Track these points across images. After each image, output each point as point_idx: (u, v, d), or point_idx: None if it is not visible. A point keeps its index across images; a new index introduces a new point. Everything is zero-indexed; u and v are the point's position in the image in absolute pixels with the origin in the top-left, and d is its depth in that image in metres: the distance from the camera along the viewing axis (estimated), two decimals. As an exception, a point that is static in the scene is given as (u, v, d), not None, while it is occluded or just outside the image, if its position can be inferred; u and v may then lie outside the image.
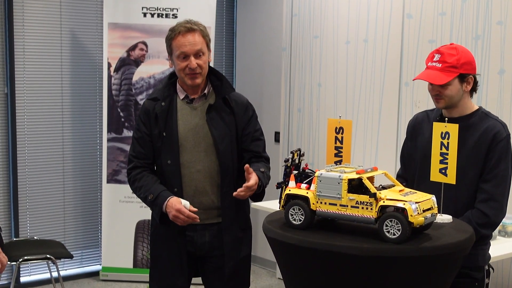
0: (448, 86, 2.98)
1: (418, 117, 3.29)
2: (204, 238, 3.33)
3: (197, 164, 3.26)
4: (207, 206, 3.30)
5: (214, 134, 3.25)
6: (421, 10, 4.91)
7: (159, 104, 3.27)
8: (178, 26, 3.23)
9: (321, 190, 2.42)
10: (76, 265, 6.15)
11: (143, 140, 3.31)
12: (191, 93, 3.31)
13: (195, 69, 3.19)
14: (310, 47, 5.88)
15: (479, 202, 2.97)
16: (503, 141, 2.97)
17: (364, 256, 2.24)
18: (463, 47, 3.04)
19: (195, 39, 3.20)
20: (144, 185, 3.26)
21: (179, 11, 5.73)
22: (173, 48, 3.22)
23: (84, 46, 6.00)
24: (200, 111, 3.30)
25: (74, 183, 6.05)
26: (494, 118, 3.06)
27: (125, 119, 5.79)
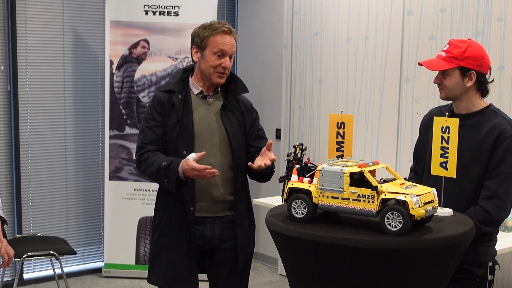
0: (447, 76, 3.00)
1: (432, 112, 3.29)
2: (213, 232, 3.39)
3: (210, 158, 3.31)
4: (217, 199, 3.37)
5: (228, 130, 3.35)
6: (421, 7, 4.93)
7: (175, 96, 3.35)
8: (218, 25, 3.33)
9: (323, 183, 2.45)
10: (79, 262, 6.18)
11: (158, 128, 3.34)
12: (207, 90, 3.41)
13: (226, 69, 3.32)
14: (311, 44, 5.91)
15: (482, 199, 2.98)
16: (509, 138, 2.96)
17: (365, 248, 2.27)
18: (478, 44, 3.04)
19: (233, 41, 3.34)
20: (157, 159, 3.25)
21: (181, 8, 5.75)
22: (211, 44, 3.30)
23: (86, 44, 6.03)
24: (214, 107, 3.39)
25: (77, 180, 6.07)
26: (502, 115, 3.06)
27: (127, 117, 5.81)
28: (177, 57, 5.75)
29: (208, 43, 3.30)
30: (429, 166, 2.84)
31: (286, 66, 6.16)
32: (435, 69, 3.00)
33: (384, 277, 2.35)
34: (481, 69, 3.02)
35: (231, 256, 3.43)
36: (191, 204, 3.31)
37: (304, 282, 2.54)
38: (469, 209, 2.98)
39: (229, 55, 3.32)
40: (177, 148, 3.31)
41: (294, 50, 6.08)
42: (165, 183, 3.23)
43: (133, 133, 5.80)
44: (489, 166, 2.98)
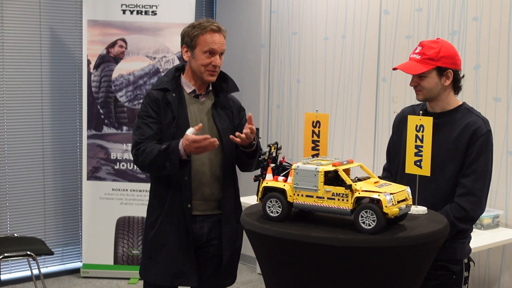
0: (425, 77, 3.02)
1: (404, 111, 3.32)
2: (202, 230, 3.42)
3: (203, 157, 3.36)
4: (208, 198, 3.41)
5: (219, 128, 3.39)
6: (398, 6, 4.95)
7: (170, 94, 3.37)
8: (207, 23, 3.36)
9: (298, 182, 2.46)
10: (57, 263, 6.14)
11: (154, 125, 3.35)
12: (199, 89, 3.44)
13: (217, 67, 3.36)
14: (289, 44, 5.92)
15: (458, 197, 3.00)
16: (483, 136, 3.00)
17: (340, 246, 2.27)
18: (447, 43, 3.08)
19: (222, 39, 3.38)
20: (155, 147, 3.25)
21: (159, 8, 5.74)
22: (200, 43, 3.33)
23: (64, 44, 6.00)
24: (205, 105, 3.43)
25: (54, 180, 6.04)
26: (476, 114, 3.09)
27: (104, 116, 5.79)
28: (154, 56, 5.74)
29: (198, 42, 3.33)
30: (404, 165, 2.86)
31: (264, 65, 6.17)
32: (413, 72, 3.02)
33: (358, 275, 2.35)
34: (456, 67, 3.06)
35: (216, 253, 3.46)
36: (188, 202, 3.34)
37: (279, 281, 2.54)
38: (445, 206, 3.01)
39: (219, 53, 3.36)
40: None
41: (272, 50, 6.08)
42: (167, 167, 3.22)
43: (111, 132, 5.78)
44: (464, 164, 3.01)
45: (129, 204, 5.80)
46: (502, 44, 4.33)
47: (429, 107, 3.14)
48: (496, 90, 4.37)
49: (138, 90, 5.77)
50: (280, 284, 2.54)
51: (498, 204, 4.37)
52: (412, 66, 3.04)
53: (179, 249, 3.38)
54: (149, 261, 3.46)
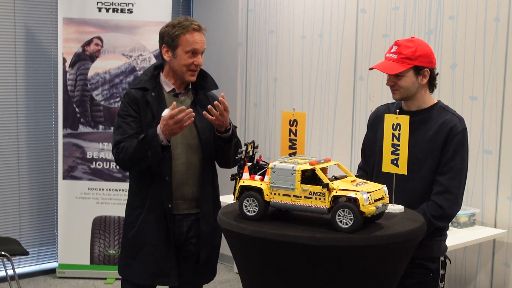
0: (402, 77, 3.02)
1: (379, 109, 3.32)
2: (181, 228, 3.41)
3: (182, 157, 3.35)
4: (187, 197, 3.39)
5: (198, 126, 3.37)
6: (374, 5, 4.96)
7: (149, 93, 3.34)
8: (187, 22, 3.32)
9: (274, 181, 2.45)
10: (32, 263, 6.08)
11: (134, 123, 3.32)
12: (178, 87, 3.42)
13: (198, 67, 3.35)
14: (266, 42, 5.91)
15: (435, 195, 3.01)
16: (459, 134, 3.02)
17: (317, 245, 2.27)
18: (423, 41, 3.08)
19: (203, 38, 3.37)
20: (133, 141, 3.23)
21: (135, 6, 5.70)
22: (183, 43, 3.30)
23: (39, 41, 5.94)
24: (185, 104, 3.40)
25: (30, 180, 5.98)
26: (451, 112, 3.10)
27: (80, 115, 5.74)
28: (131, 54, 5.70)
29: (179, 42, 3.30)
30: (380, 163, 2.87)
31: (241, 64, 6.16)
32: (392, 72, 3.02)
33: (335, 274, 2.35)
34: (432, 66, 3.07)
35: (195, 252, 3.45)
36: (168, 202, 3.32)
37: (256, 280, 2.53)
38: (422, 204, 3.01)
39: (201, 52, 3.34)
40: None
41: (249, 48, 6.07)
42: (149, 156, 3.19)
43: (86, 131, 5.74)
44: (440, 162, 3.02)
45: (105, 203, 5.77)
46: (478, 43, 4.35)
47: (404, 105, 3.15)
48: (472, 89, 4.39)
49: (114, 88, 5.73)
50: (257, 284, 2.54)
51: (475, 203, 4.40)
52: (389, 66, 3.04)
53: (159, 248, 3.37)
54: (129, 260, 3.45)
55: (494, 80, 4.28)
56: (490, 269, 4.38)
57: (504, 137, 4.25)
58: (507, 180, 4.26)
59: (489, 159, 4.34)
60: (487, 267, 4.39)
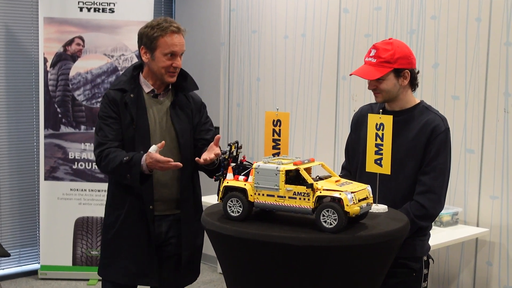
0: (383, 80, 3.02)
1: (362, 109, 3.32)
2: (160, 229, 3.40)
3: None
4: (167, 198, 3.39)
5: (177, 128, 3.35)
6: (357, 5, 4.97)
7: (128, 95, 3.31)
8: (166, 24, 3.29)
9: (258, 181, 2.44)
10: (14, 264, 6.04)
11: (116, 125, 3.31)
12: (158, 88, 3.39)
13: (177, 68, 3.32)
14: (249, 42, 5.90)
15: (417, 194, 3.01)
16: (442, 134, 3.02)
17: (301, 246, 2.26)
18: (401, 42, 3.08)
19: (182, 40, 3.34)
20: (118, 155, 3.22)
21: (116, 5, 5.67)
22: (161, 45, 3.27)
23: (19, 41, 5.89)
24: (164, 106, 3.38)
25: (11, 180, 5.93)
26: (434, 112, 3.11)
27: (62, 115, 5.70)
28: (112, 54, 5.67)
29: (158, 44, 3.27)
30: (364, 163, 2.87)
31: (224, 63, 6.14)
32: (371, 78, 3.02)
33: (320, 274, 2.35)
34: (412, 66, 3.07)
35: (175, 252, 3.45)
36: (150, 203, 3.31)
37: (240, 281, 2.53)
38: (405, 204, 3.02)
39: (180, 54, 3.31)
40: (134, 148, 3.29)
41: (232, 48, 6.06)
42: (127, 178, 3.21)
43: (68, 132, 5.70)
44: (423, 162, 3.03)
45: (87, 204, 5.73)
46: (460, 42, 4.37)
47: (387, 105, 3.15)
48: (454, 88, 4.41)
49: (96, 88, 5.70)
50: (241, 284, 2.53)
51: (457, 202, 4.41)
52: (369, 71, 3.03)
53: (140, 249, 3.36)
54: (109, 261, 3.44)
55: (476, 80, 4.30)
56: (473, 268, 4.40)
57: (486, 136, 4.28)
58: (489, 179, 4.28)
59: (471, 158, 4.35)
60: (469, 266, 4.41)
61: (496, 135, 4.23)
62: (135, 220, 3.35)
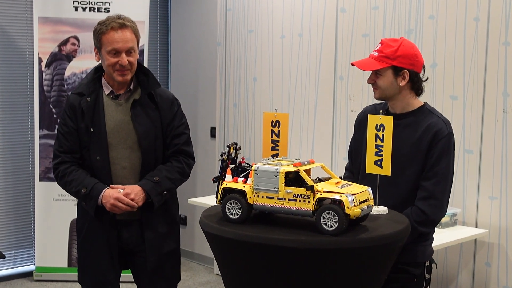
0: (380, 76, 2.99)
1: (366, 110, 3.27)
2: (130, 234, 3.34)
3: (123, 161, 3.26)
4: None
5: (139, 131, 3.25)
6: (354, 4, 4.94)
7: (84, 99, 3.23)
8: (110, 20, 3.18)
9: (258, 183, 2.41)
10: (9, 266, 6.00)
11: (70, 135, 3.25)
12: (117, 89, 3.29)
13: (126, 66, 3.17)
14: (245, 42, 5.87)
15: (419, 200, 2.96)
16: (445, 138, 2.96)
17: (301, 248, 2.24)
18: (410, 43, 3.03)
19: (127, 36, 3.17)
20: (75, 179, 3.19)
21: (112, 5, 5.64)
22: (104, 43, 3.17)
23: (14, 41, 5.85)
24: (125, 107, 3.28)
25: (5, 181, 5.89)
26: (437, 115, 3.05)
27: (57, 116, 5.67)
28: (108, 54, 5.63)
29: (102, 42, 3.19)
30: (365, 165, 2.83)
31: (220, 63, 6.11)
32: (367, 69, 2.99)
33: (320, 277, 2.32)
34: (414, 68, 3.00)
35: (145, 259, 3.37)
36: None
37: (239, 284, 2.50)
38: (406, 209, 2.96)
39: (125, 51, 3.17)
40: (90, 155, 3.24)
41: (228, 48, 6.03)
42: (83, 205, 3.22)
43: (63, 132, 5.66)
44: (425, 166, 2.97)
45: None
46: (458, 42, 4.35)
47: (390, 107, 3.11)
48: (453, 89, 4.39)
49: (91, 89, 5.66)
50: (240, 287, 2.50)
51: (456, 203, 4.39)
52: (367, 63, 3.01)
53: (103, 257, 3.32)
54: (80, 266, 3.44)
55: (475, 80, 4.28)
56: (471, 269, 4.38)
57: (485, 137, 4.25)
58: (488, 179, 4.26)
59: (470, 159, 4.33)
60: (468, 267, 4.39)
61: (494, 135, 4.21)
62: (98, 226, 3.29)
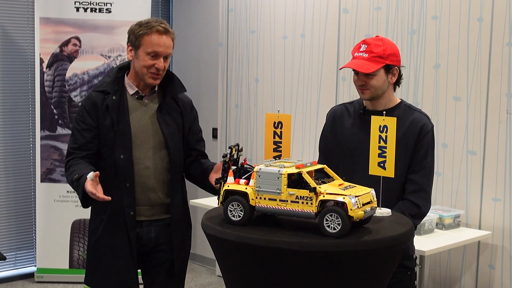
0: (374, 76, 3.00)
1: (336, 110, 3.29)
2: (150, 234, 3.33)
3: (146, 161, 3.26)
4: (154, 203, 3.31)
5: (165, 132, 3.27)
6: (357, 5, 4.92)
7: (110, 97, 3.23)
8: (154, 23, 3.20)
9: (260, 185, 2.39)
10: (10, 267, 5.99)
11: (87, 132, 3.24)
12: (142, 90, 3.30)
13: (160, 70, 3.20)
14: (247, 42, 5.85)
15: (410, 193, 3.02)
16: (429, 133, 3.05)
17: (304, 251, 2.21)
18: (389, 40, 3.08)
19: (169, 42, 3.21)
20: (76, 169, 3.15)
21: (113, 5, 5.62)
22: (144, 44, 3.17)
23: (15, 42, 5.84)
24: (150, 108, 3.30)
25: (6, 182, 5.88)
26: (417, 110, 3.12)
27: (58, 116, 5.65)
28: (109, 55, 5.62)
29: (142, 42, 3.18)
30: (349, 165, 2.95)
31: (222, 64, 6.10)
32: (366, 70, 2.99)
33: (323, 280, 2.30)
34: (400, 64, 3.08)
35: (166, 259, 3.38)
36: (130, 209, 3.24)
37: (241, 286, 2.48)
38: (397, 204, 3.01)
39: (164, 56, 3.19)
40: (114, 152, 3.23)
41: (230, 49, 6.01)
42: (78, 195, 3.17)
43: (65, 133, 5.65)
44: (412, 161, 3.04)
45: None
46: (461, 43, 4.33)
47: (370, 105, 3.11)
48: (456, 89, 4.36)
49: (93, 89, 5.66)
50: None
51: (459, 204, 4.37)
52: (362, 65, 3.00)
53: (121, 256, 3.29)
54: (92, 267, 3.39)
55: (478, 81, 4.26)
56: (475, 271, 4.35)
57: (488, 138, 4.23)
58: (491, 181, 4.24)
59: (473, 160, 4.31)
60: (472, 269, 4.36)
61: (498, 136, 4.19)
62: (116, 226, 3.27)
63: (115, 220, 3.26)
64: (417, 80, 4.55)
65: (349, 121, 3.17)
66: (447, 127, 4.39)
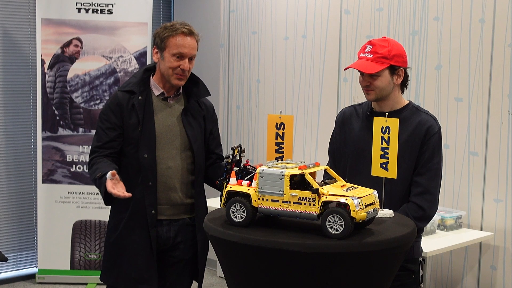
0: (378, 77, 3.00)
1: (346, 111, 3.30)
2: (169, 233, 3.38)
3: (169, 161, 3.31)
4: (175, 203, 3.36)
5: (189, 134, 3.34)
6: (358, 6, 4.92)
7: (136, 97, 3.29)
8: (179, 25, 3.27)
9: (262, 186, 2.39)
10: (11, 268, 5.98)
11: (112, 131, 3.28)
12: (167, 91, 3.36)
13: (185, 71, 3.26)
14: (248, 43, 5.85)
15: (415, 196, 3.00)
16: (436, 134, 3.03)
17: (307, 252, 2.21)
18: (395, 41, 3.08)
19: (194, 43, 3.29)
20: (100, 167, 3.18)
21: (115, 6, 5.62)
22: (170, 45, 3.25)
23: (16, 43, 5.83)
24: (175, 110, 3.36)
25: (8, 183, 5.87)
26: (425, 112, 3.11)
27: (60, 117, 5.65)
28: (111, 56, 5.62)
29: (167, 44, 3.25)
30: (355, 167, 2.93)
31: (224, 65, 6.10)
32: (370, 71, 2.99)
33: (326, 281, 2.30)
34: (405, 65, 3.07)
35: (182, 258, 3.43)
36: (152, 207, 3.29)
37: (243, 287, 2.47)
38: (401, 206, 3.00)
39: (189, 57, 3.26)
40: (138, 151, 3.27)
41: (231, 49, 6.01)
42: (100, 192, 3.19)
43: (66, 134, 5.65)
44: (418, 163, 3.02)
45: (85, 207, 5.68)
46: (463, 44, 4.33)
47: (376, 106, 3.12)
48: (458, 90, 4.36)
49: (94, 90, 5.65)
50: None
51: (461, 205, 4.37)
52: (367, 65, 3.01)
53: (141, 254, 3.33)
54: (110, 264, 3.41)
55: (480, 82, 4.25)
56: (476, 272, 4.35)
57: (490, 139, 4.23)
58: (493, 182, 4.23)
59: (475, 161, 4.31)
60: (473, 270, 4.36)
61: (500, 137, 4.19)
62: (137, 224, 3.31)
63: (136, 218, 3.31)
64: (419, 81, 4.54)
65: (358, 122, 3.18)
66: (448, 128, 4.38)
